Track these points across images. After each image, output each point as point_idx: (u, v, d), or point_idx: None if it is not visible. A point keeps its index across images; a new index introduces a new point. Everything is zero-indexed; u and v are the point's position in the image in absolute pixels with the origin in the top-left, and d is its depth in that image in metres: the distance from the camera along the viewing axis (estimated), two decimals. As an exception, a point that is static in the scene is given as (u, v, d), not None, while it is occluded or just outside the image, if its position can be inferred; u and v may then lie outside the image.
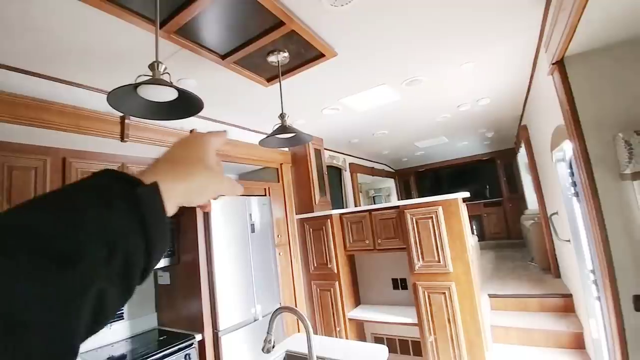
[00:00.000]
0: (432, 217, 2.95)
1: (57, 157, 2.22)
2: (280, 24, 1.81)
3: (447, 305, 2.82)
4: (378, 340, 3.61)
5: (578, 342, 3.18)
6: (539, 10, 2.01)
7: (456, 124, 4.94)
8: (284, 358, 1.90)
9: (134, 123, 2.43)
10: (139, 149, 2.62)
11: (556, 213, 3.49)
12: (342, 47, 2.18)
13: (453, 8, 1.89)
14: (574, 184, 2.50)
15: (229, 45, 2.03)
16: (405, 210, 3.11)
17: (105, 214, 0.28)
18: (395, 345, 3.49)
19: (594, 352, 2.62)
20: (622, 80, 1.65)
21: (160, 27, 1.70)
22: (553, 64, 1.81)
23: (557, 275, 4.39)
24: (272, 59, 2.17)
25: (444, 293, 2.84)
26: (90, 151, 2.42)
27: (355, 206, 5.73)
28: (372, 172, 7.23)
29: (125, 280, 0.29)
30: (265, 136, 2.13)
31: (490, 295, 4.14)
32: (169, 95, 1.28)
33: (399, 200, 6.51)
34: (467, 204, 3.32)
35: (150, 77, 1.25)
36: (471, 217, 3.96)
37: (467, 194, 3.07)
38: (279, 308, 1.60)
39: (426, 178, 9.54)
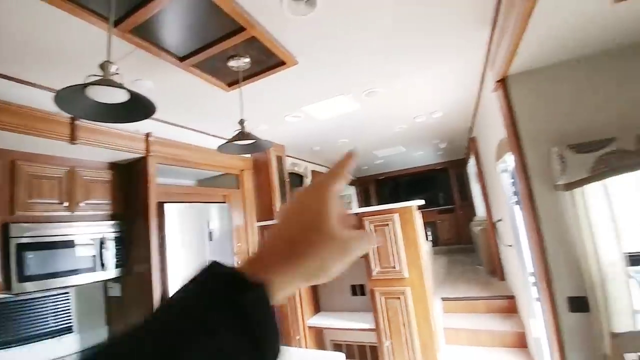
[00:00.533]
0: (388, 224, 3.03)
1: (6, 159, 2.11)
2: (241, 29, 1.81)
3: (402, 310, 2.91)
4: (337, 347, 3.63)
5: (521, 342, 3.41)
6: (485, 32, 2.17)
7: (412, 135, 5.15)
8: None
9: (84, 125, 2.29)
10: (90, 152, 2.47)
11: (501, 220, 3.73)
12: (303, 56, 2.21)
13: (408, 25, 2.00)
14: (516, 193, 2.70)
15: (188, 47, 1.98)
16: (363, 218, 3.17)
17: (209, 340, 0.24)
18: (354, 351, 3.52)
19: (535, 350, 2.82)
20: (557, 98, 1.81)
21: (115, 25, 1.63)
22: (497, 81, 1.96)
23: (502, 278, 4.68)
24: (232, 63, 2.14)
25: (399, 298, 2.93)
26: (41, 154, 2.30)
27: (316, 213, 5.74)
28: (333, 179, 7.30)
29: None
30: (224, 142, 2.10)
31: (443, 299, 4.32)
32: (119, 96, 1.22)
33: (359, 207, 6.63)
34: (422, 211, 3.46)
35: (101, 78, 1.20)
36: (426, 224, 4.12)
37: (422, 202, 3.20)
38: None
39: (386, 186, 9.82)
